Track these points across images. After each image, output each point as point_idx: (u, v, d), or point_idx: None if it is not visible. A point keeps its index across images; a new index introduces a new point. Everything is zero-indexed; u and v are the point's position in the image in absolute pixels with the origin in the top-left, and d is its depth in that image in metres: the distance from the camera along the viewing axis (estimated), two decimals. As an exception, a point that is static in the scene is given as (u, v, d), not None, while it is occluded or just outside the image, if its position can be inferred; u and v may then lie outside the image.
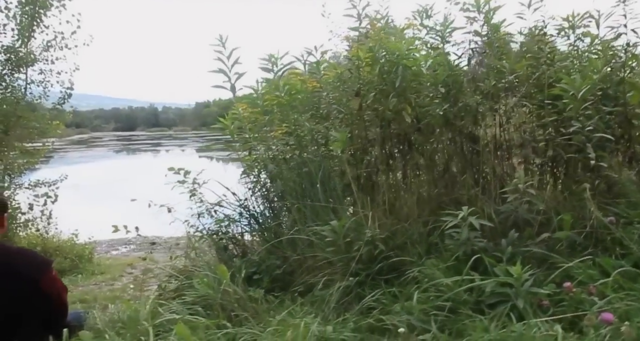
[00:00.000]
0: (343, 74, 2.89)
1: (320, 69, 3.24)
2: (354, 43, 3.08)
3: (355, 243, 2.42)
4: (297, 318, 2.22)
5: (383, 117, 2.57)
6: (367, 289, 2.36)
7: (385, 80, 2.56)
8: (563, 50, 3.18)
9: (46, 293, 2.78)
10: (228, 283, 2.47)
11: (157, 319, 2.45)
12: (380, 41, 2.61)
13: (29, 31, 8.70)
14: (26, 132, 9.20)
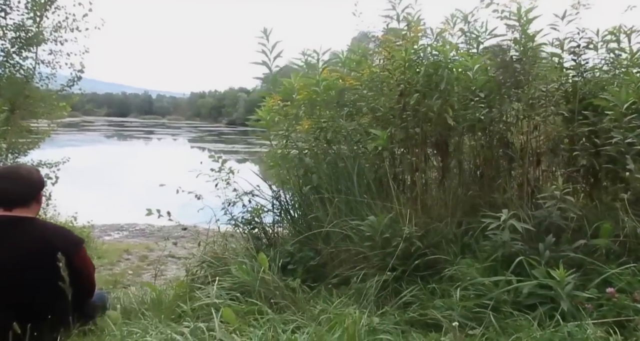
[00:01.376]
0: (381, 74, 2.94)
1: (351, 66, 3.29)
2: (392, 44, 3.13)
3: (393, 239, 2.48)
4: (337, 309, 2.28)
5: (424, 118, 2.63)
6: (404, 284, 2.43)
7: (429, 81, 2.62)
8: (595, 63, 3.26)
9: (78, 271, 2.83)
10: (267, 271, 2.52)
11: (195, 302, 2.50)
12: (424, 44, 2.66)
13: (42, 10, 8.65)
14: (32, 111, 9.14)
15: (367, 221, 2.58)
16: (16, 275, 2.64)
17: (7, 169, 2.77)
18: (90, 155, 28.26)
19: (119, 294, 3.54)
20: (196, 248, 10.24)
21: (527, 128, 2.87)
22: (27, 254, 2.68)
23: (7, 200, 2.73)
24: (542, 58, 3.22)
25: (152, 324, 2.47)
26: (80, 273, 2.87)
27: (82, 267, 2.88)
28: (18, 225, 2.74)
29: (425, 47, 2.72)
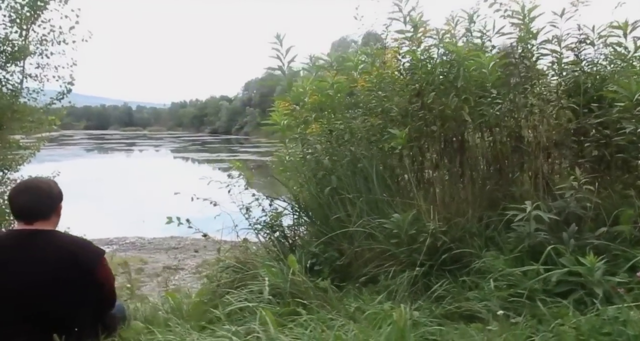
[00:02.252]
0: (392, 74, 3.00)
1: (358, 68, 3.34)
2: (401, 44, 3.20)
3: (419, 236, 2.52)
4: (373, 306, 2.32)
5: (441, 115, 2.69)
6: (434, 279, 2.47)
7: (445, 80, 2.68)
8: (592, 58, 3.36)
9: (100, 282, 2.83)
10: (297, 273, 2.54)
11: (226, 307, 2.51)
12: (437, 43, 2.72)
13: (28, 24, 8.54)
14: (20, 126, 9.00)
15: (392, 218, 2.62)
16: (41, 288, 2.63)
17: (27, 183, 2.76)
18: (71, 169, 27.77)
19: (137, 305, 3.51)
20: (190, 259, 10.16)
21: (537, 122, 2.95)
22: (51, 267, 2.67)
23: (29, 213, 2.72)
24: (545, 54, 3.32)
25: (186, 331, 2.47)
26: (102, 284, 2.87)
27: (104, 278, 2.87)
28: (41, 238, 2.73)
29: (440, 47, 2.78)
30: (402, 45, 3.20)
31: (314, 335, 1.89)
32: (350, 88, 3.16)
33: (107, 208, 14.78)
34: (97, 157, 45.20)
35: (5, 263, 2.60)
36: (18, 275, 2.59)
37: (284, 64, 3.12)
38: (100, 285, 2.86)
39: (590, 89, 3.07)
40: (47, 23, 8.74)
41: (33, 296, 2.60)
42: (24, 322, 2.56)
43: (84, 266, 2.74)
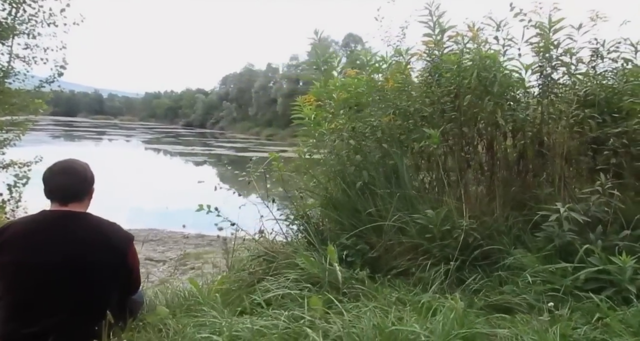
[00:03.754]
0: (428, 77, 3.11)
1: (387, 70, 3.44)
2: (429, 47, 3.31)
3: (454, 231, 2.64)
4: (411, 296, 2.42)
5: (474, 118, 2.81)
6: (466, 273, 2.59)
7: (481, 84, 2.80)
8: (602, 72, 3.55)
9: (130, 266, 2.86)
10: (335, 263, 2.62)
11: (264, 294, 2.56)
12: (475, 49, 2.85)
13: (19, 2, 8.32)
14: (3, 108, 8.76)
15: (426, 214, 2.73)
16: (77, 270, 2.64)
17: (62, 164, 2.74)
18: (35, 156, 26.90)
19: (155, 291, 3.52)
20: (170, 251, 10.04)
21: (557, 129, 3.10)
22: (86, 249, 2.68)
23: (64, 195, 2.72)
24: (562, 65, 3.48)
25: (223, 316, 2.51)
26: (131, 268, 2.90)
27: (133, 263, 2.90)
28: (76, 220, 2.74)
29: (477, 52, 2.90)
30: (430, 49, 3.31)
31: (371, 318, 1.96)
32: (382, 88, 3.24)
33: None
34: (64, 144, 43.77)
35: (41, 244, 2.60)
36: (53, 256, 2.60)
37: (321, 61, 3.16)
38: (130, 269, 2.88)
39: (602, 101, 3.26)
40: (37, 3, 8.56)
41: (68, 278, 2.61)
42: (58, 303, 2.57)
43: (116, 250, 2.76)
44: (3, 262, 2.54)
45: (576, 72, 3.42)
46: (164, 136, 60.48)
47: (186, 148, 43.37)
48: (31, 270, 2.55)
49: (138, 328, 2.98)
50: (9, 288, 2.57)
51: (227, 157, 36.12)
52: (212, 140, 58.07)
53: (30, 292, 2.56)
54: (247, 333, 2.10)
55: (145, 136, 60.84)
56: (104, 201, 3.73)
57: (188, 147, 45.62)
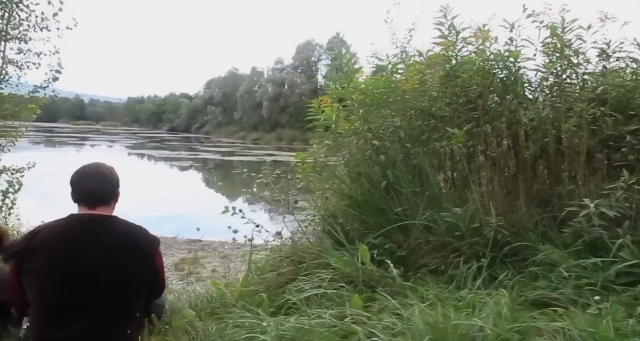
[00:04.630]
0: (447, 77, 3.16)
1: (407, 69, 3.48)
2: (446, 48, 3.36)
3: (484, 229, 2.68)
4: (448, 292, 2.45)
5: (496, 117, 2.87)
6: (497, 269, 2.63)
7: (503, 84, 2.86)
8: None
9: (157, 269, 2.86)
10: (368, 261, 2.65)
11: (300, 294, 2.57)
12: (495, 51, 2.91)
13: (11, 7, 8.19)
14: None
15: (455, 212, 2.77)
16: (107, 273, 2.63)
17: (90, 168, 2.73)
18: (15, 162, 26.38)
19: (175, 295, 3.51)
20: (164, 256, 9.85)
21: (575, 128, 3.16)
22: (116, 252, 2.68)
23: (92, 198, 2.71)
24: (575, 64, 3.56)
25: (258, 317, 2.52)
26: (158, 271, 2.89)
27: (159, 266, 2.90)
28: (105, 223, 2.73)
29: (498, 53, 2.96)
30: (446, 50, 3.36)
31: (420, 315, 1.98)
32: (401, 89, 3.28)
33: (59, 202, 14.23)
34: (45, 150, 42.97)
35: (72, 249, 2.59)
36: (84, 260, 2.58)
37: (343, 63, 3.19)
38: (157, 272, 2.88)
39: (613, 99, 3.34)
40: (25, 7, 8.41)
41: (98, 282, 2.60)
42: (89, 306, 2.56)
43: (145, 252, 2.76)
44: (35, 267, 2.52)
45: (586, 71, 3.51)
46: (148, 141, 59.89)
47: (172, 153, 42.99)
48: (63, 274, 2.53)
49: (165, 331, 2.97)
50: (41, 293, 2.54)
51: (213, 162, 35.92)
52: (197, 144, 57.70)
53: (62, 297, 2.54)
54: (293, 332, 2.11)
55: (130, 141, 60.16)
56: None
57: (174, 152, 45.21)
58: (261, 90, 67.82)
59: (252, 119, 69.00)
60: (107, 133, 76.54)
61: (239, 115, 71.47)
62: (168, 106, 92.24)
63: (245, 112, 70.22)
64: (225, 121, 75.96)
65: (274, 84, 66.28)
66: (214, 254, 9.03)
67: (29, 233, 2.60)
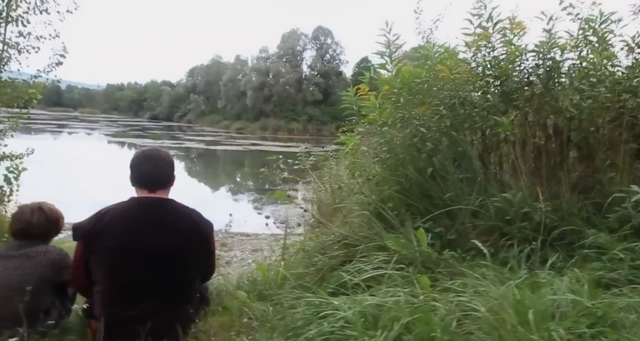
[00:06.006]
0: (490, 67, 3.25)
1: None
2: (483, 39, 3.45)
3: (534, 213, 2.80)
4: (510, 274, 2.55)
5: (543, 106, 2.98)
6: (548, 253, 2.75)
7: (551, 74, 2.97)
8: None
9: (211, 251, 2.94)
10: (425, 244, 2.74)
11: (362, 275, 2.66)
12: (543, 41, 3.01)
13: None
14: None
15: (505, 197, 2.88)
16: (171, 254, 2.70)
17: (149, 152, 2.77)
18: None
19: (218, 278, 3.56)
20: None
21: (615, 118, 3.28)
22: (178, 234, 2.74)
23: (153, 182, 2.77)
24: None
25: (323, 296, 2.59)
26: (212, 253, 2.96)
27: (213, 248, 2.97)
28: (166, 206, 2.79)
29: (544, 44, 3.06)
30: (488, 40, 3.45)
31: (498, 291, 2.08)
32: (444, 78, 3.37)
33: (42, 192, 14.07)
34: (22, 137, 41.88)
35: (137, 231, 2.64)
36: (149, 242, 2.64)
37: (389, 52, 3.26)
38: (211, 254, 2.95)
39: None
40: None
41: (163, 262, 2.66)
42: (155, 286, 2.63)
43: (203, 235, 2.83)
44: (104, 248, 2.57)
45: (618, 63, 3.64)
46: (129, 129, 58.97)
47: (155, 142, 42.46)
48: (130, 255, 2.59)
49: (220, 312, 3.03)
50: (110, 273, 2.59)
51: (196, 151, 35.66)
52: (180, 133, 57.07)
53: (130, 277, 2.59)
54: (371, 309, 2.19)
55: (110, 129, 59.18)
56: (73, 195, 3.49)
57: (157, 140, 44.65)
58: (245, 79, 67.26)
59: (235, 108, 68.46)
60: (86, 121, 75.07)
61: (222, 104, 70.84)
62: (149, 94, 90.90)
63: (229, 101, 69.63)
64: (208, 110, 75.23)
65: (259, 72, 65.79)
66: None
67: (95, 215, 2.64)
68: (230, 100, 69.08)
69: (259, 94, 63.57)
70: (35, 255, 2.63)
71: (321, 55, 66.49)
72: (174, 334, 2.58)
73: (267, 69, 64.91)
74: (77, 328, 2.71)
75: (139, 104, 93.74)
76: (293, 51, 66.44)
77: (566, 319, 1.75)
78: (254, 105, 64.20)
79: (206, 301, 3.10)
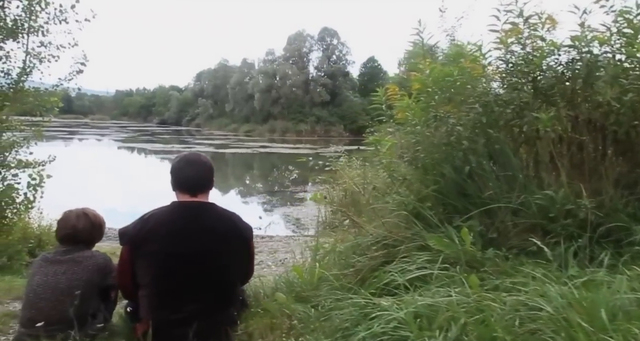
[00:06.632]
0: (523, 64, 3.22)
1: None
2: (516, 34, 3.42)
3: (577, 210, 2.76)
4: (556, 273, 2.52)
5: (591, 102, 2.94)
6: (596, 250, 2.71)
7: (590, 68, 2.94)
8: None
9: (251, 254, 2.94)
10: (469, 243, 2.72)
11: (407, 275, 2.64)
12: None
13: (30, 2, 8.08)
14: (21, 107, 8.57)
15: (547, 194, 2.85)
16: (215, 258, 2.71)
17: (191, 156, 2.78)
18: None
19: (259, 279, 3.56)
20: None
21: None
22: (221, 237, 2.75)
23: (194, 186, 2.78)
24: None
25: (367, 296, 2.57)
26: (252, 256, 2.96)
27: (252, 251, 2.97)
28: (208, 210, 2.80)
29: (581, 38, 3.03)
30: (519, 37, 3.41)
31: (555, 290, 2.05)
32: (477, 76, 3.34)
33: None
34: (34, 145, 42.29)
35: (179, 234, 2.65)
36: (192, 245, 2.65)
37: (424, 50, 3.24)
38: (251, 257, 2.95)
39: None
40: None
41: (207, 266, 2.67)
42: (200, 289, 2.63)
43: (244, 237, 2.83)
44: (149, 252, 2.58)
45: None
46: (139, 134, 59.41)
47: (165, 147, 42.74)
48: (176, 259, 2.60)
49: (260, 314, 3.02)
50: (156, 277, 2.60)
51: (206, 154, 35.81)
52: (189, 137, 57.42)
53: (175, 281, 2.60)
54: (423, 309, 2.17)
55: (121, 135, 59.67)
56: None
57: (167, 145, 44.95)
58: (252, 82, 67.49)
59: (243, 111, 68.70)
60: (97, 127, 75.76)
61: (230, 108, 71.11)
62: (157, 99, 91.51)
63: (237, 104, 69.89)
64: (216, 113, 75.57)
65: (266, 75, 65.97)
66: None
67: (140, 220, 2.65)
68: (238, 103, 69.32)
69: (267, 97, 63.74)
70: (82, 259, 2.65)
71: (327, 56, 66.53)
72: (218, 336, 2.58)
73: (274, 71, 65.07)
74: (123, 331, 2.73)
75: (148, 109, 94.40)
76: (299, 53, 66.56)
77: (635, 318, 1.71)
78: (261, 107, 64.38)
79: (245, 304, 3.10)
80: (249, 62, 71.49)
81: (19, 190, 7.84)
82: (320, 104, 62.69)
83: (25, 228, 8.17)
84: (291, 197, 19.11)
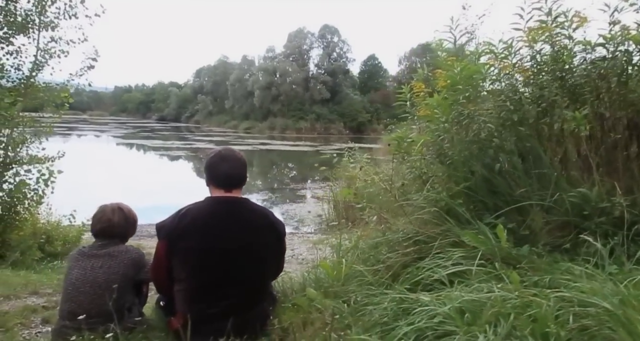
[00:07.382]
0: (554, 60, 3.22)
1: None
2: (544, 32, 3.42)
3: (614, 208, 2.76)
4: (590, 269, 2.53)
5: (617, 100, 2.95)
6: (632, 248, 2.71)
7: (625, 66, 2.94)
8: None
9: (283, 249, 2.94)
10: (504, 239, 2.72)
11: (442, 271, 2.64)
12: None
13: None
14: (32, 102, 8.61)
15: (581, 192, 2.85)
16: (250, 252, 2.71)
17: (225, 152, 2.77)
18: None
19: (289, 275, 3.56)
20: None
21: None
22: (257, 232, 2.75)
23: (229, 182, 2.78)
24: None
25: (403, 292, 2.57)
26: (283, 252, 2.97)
27: (284, 246, 2.97)
28: (243, 205, 2.80)
29: (614, 36, 3.03)
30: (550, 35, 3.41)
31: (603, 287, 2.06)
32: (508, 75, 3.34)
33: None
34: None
35: (219, 230, 2.65)
36: (229, 241, 2.65)
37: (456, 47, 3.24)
38: (283, 252, 2.96)
39: None
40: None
41: (243, 260, 2.67)
42: (235, 285, 2.63)
43: (278, 233, 2.84)
44: (186, 247, 2.58)
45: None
46: (139, 131, 59.31)
47: (165, 143, 42.68)
48: (212, 254, 2.60)
49: (292, 309, 3.02)
50: (192, 272, 2.60)
51: (206, 151, 35.81)
52: (188, 134, 57.33)
53: (212, 276, 2.61)
54: (467, 305, 2.17)
55: (120, 131, 59.57)
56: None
57: (167, 141, 44.88)
58: (252, 79, 67.35)
59: (243, 108, 68.59)
60: (96, 123, 75.58)
61: (230, 104, 70.98)
62: (157, 95, 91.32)
63: (237, 101, 69.76)
64: (216, 110, 75.42)
65: (266, 72, 65.86)
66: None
67: (176, 214, 2.65)
68: (238, 100, 69.20)
69: (267, 94, 63.65)
70: (117, 254, 2.65)
71: (328, 53, 66.45)
72: (253, 330, 2.59)
73: (274, 69, 64.98)
74: (158, 324, 2.73)
75: (147, 106, 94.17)
76: (300, 50, 66.48)
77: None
78: (261, 104, 64.28)
79: (275, 299, 3.11)
80: (249, 58, 71.40)
81: (30, 186, 7.86)
82: (320, 102, 62.66)
83: (35, 224, 8.17)
84: (292, 194, 19.12)
